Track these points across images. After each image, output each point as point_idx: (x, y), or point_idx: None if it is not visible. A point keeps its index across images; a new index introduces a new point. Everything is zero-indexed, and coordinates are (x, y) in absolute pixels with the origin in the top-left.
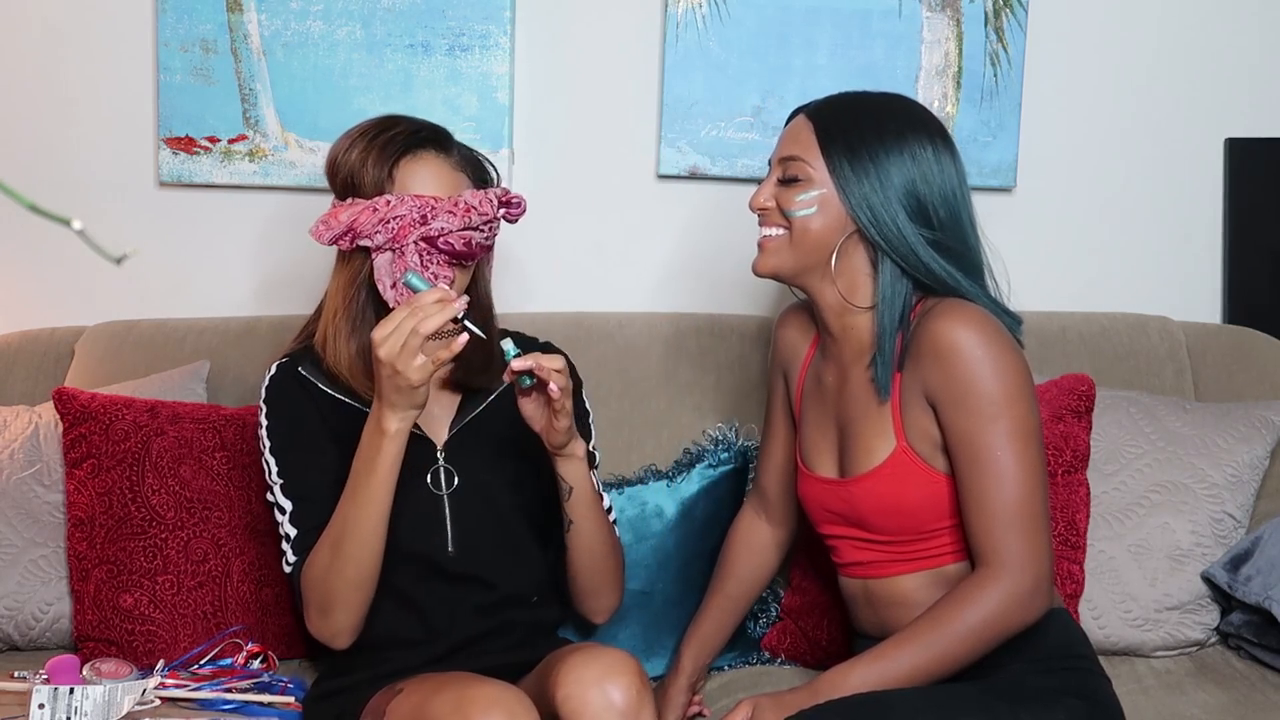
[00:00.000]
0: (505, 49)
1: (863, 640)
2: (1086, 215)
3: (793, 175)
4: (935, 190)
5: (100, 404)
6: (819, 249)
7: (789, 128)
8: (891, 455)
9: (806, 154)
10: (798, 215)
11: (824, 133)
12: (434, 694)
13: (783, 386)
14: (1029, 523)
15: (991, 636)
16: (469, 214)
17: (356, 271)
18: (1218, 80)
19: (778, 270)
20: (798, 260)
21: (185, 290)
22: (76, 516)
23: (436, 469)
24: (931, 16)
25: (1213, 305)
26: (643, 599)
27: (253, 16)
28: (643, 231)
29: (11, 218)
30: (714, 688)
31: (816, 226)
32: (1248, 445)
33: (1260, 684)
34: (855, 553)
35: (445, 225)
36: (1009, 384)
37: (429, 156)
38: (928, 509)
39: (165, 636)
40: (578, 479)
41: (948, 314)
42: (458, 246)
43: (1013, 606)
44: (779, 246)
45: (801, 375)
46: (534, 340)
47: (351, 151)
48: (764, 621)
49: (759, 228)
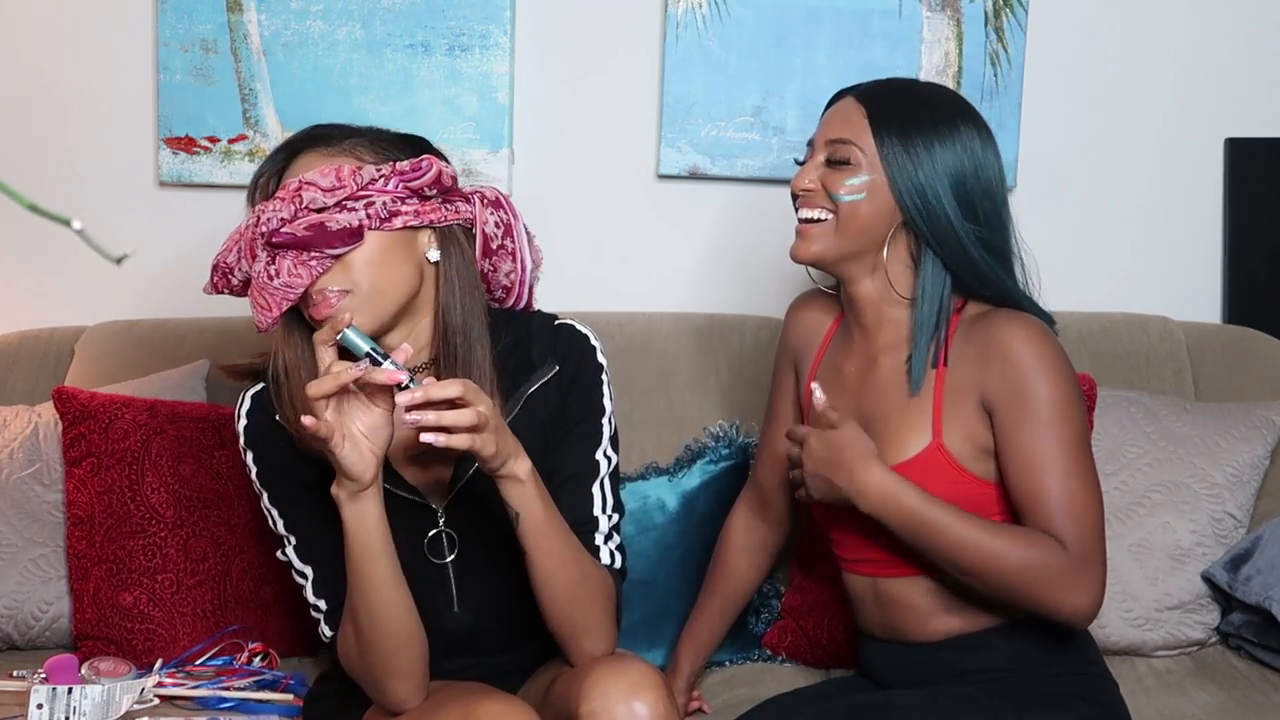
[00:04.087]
0: (505, 49)
1: (868, 641)
2: (1086, 215)
3: (843, 158)
4: (982, 184)
5: (100, 403)
6: (863, 236)
7: (836, 109)
8: (925, 450)
9: (858, 137)
10: (846, 200)
11: (877, 116)
12: (438, 706)
13: (791, 375)
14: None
15: (1018, 581)
16: (302, 192)
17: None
18: (1218, 80)
19: (821, 257)
20: (841, 247)
21: (185, 290)
22: (76, 515)
23: (436, 535)
24: (931, 16)
25: (1213, 305)
26: (645, 589)
27: (253, 16)
28: (643, 231)
29: (11, 218)
30: (715, 682)
31: (865, 212)
32: (1248, 445)
33: (1260, 684)
34: (865, 550)
35: (276, 215)
36: (1071, 398)
37: (305, 157)
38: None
39: (165, 635)
40: (524, 503)
41: (1014, 323)
42: (299, 234)
43: (1057, 574)
44: (823, 232)
45: (815, 364)
46: (552, 318)
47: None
48: (765, 619)
49: (798, 211)
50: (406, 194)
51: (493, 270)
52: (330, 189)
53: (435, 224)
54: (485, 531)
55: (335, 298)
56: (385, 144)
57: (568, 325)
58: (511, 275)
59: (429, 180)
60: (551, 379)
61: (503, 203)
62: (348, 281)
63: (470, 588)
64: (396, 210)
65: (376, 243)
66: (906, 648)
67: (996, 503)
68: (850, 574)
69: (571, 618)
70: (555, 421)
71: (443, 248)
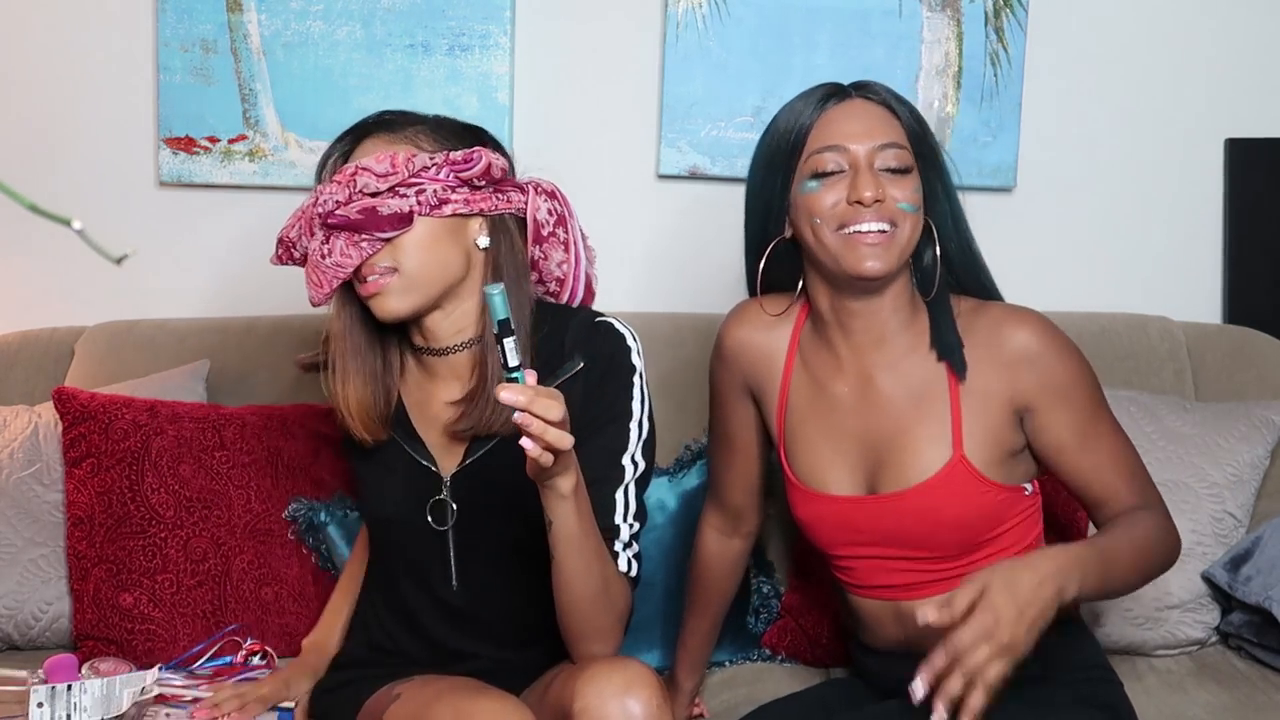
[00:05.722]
0: (505, 49)
1: (871, 655)
2: (1086, 215)
3: (903, 165)
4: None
5: (100, 403)
6: (911, 245)
7: (864, 110)
8: (946, 466)
9: (905, 142)
10: (909, 210)
11: (909, 121)
12: (432, 703)
13: (748, 403)
14: (1146, 479)
15: (1159, 559)
16: (357, 177)
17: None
18: (1218, 80)
19: (891, 269)
20: (900, 258)
21: (185, 290)
22: (76, 516)
23: (440, 502)
24: (931, 16)
25: (1213, 305)
26: (644, 590)
27: (253, 16)
28: (643, 231)
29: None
30: (715, 683)
31: (915, 220)
32: (1248, 445)
33: (1260, 684)
34: (884, 575)
35: (332, 198)
36: (1088, 372)
37: (369, 141)
38: (980, 520)
39: (165, 635)
40: (560, 514)
41: (1022, 320)
42: (352, 216)
43: (1165, 534)
44: (892, 243)
45: (784, 390)
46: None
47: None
48: (765, 619)
49: (858, 223)
50: (457, 183)
51: (543, 258)
52: (384, 175)
53: (485, 212)
54: (487, 509)
55: (383, 274)
56: (446, 133)
57: (606, 323)
58: (564, 266)
59: (478, 172)
60: (578, 375)
61: (558, 195)
62: (395, 262)
63: (469, 564)
64: (446, 198)
65: (425, 228)
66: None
67: (1015, 505)
68: (862, 599)
69: (585, 620)
70: (581, 418)
71: (492, 235)
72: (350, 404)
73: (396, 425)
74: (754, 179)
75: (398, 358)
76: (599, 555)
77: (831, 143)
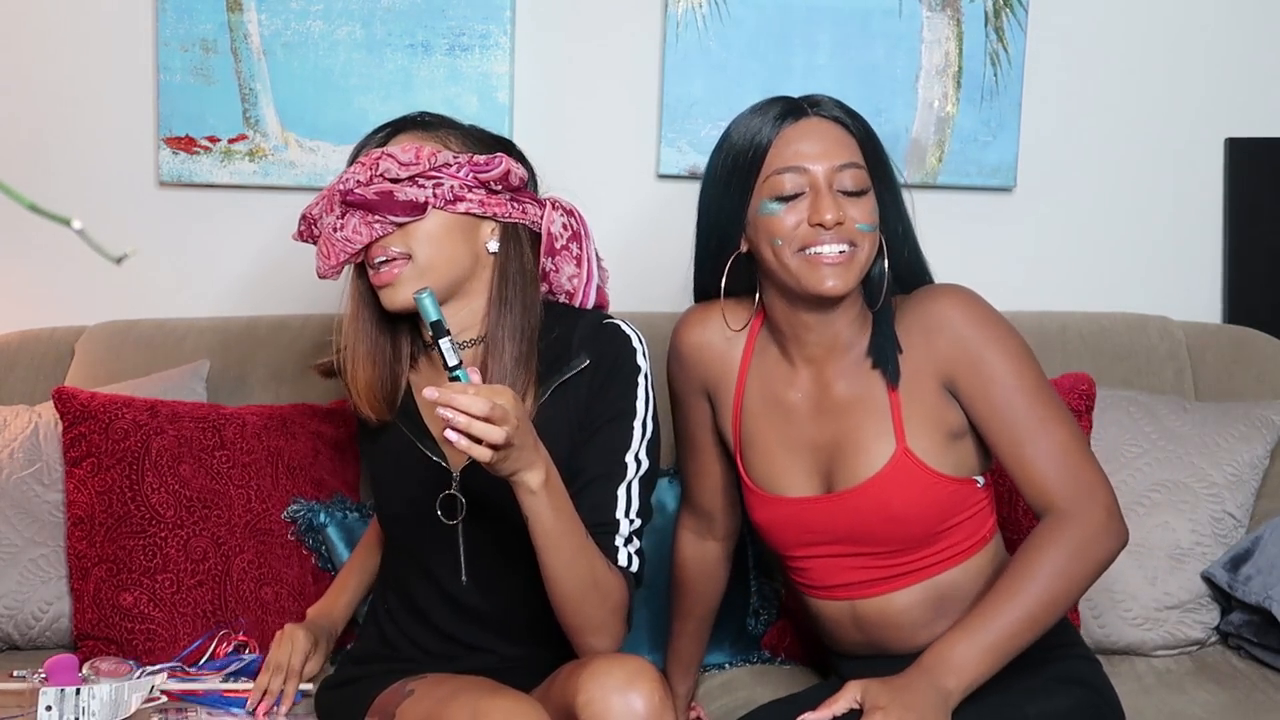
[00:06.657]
0: (505, 49)
1: (847, 661)
2: (1086, 215)
3: (860, 187)
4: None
5: (100, 403)
6: (869, 262)
7: (821, 130)
8: (891, 460)
9: (860, 160)
10: (867, 230)
11: (862, 137)
12: (447, 701)
13: (705, 404)
14: (1081, 458)
15: (1080, 573)
16: (380, 162)
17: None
18: (1218, 80)
19: (850, 287)
20: (859, 276)
21: (185, 290)
22: (76, 515)
23: (449, 497)
24: (931, 16)
25: (1213, 305)
26: (645, 590)
27: (253, 16)
28: (643, 231)
29: (11, 218)
30: (714, 685)
31: (873, 239)
32: (1248, 445)
33: (1260, 683)
34: (840, 574)
35: (354, 178)
36: (1020, 343)
37: (403, 135)
38: (930, 513)
39: (165, 635)
40: (532, 510)
41: (942, 293)
42: (369, 196)
43: (1091, 536)
44: (852, 262)
45: (738, 396)
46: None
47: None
48: (764, 620)
49: (818, 245)
50: (475, 184)
51: (555, 270)
52: (406, 164)
53: (499, 218)
54: (496, 506)
55: (397, 262)
56: (475, 139)
57: (613, 324)
58: (575, 280)
59: (497, 175)
60: (582, 373)
61: (575, 214)
62: (407, 248)
63: (479, 559)
64: (462, 196)
65: (438, 220)
66: (890, 660)
67: (968, 498)
68: (820, 601)
69: (576, 614)
70: (585, 416)
71: (503, 242)
72: (359, 383)
73: (407, 420)
74: (708, 194)
75: (408, 348)
76: (583, 550)
77: (791, 164)
